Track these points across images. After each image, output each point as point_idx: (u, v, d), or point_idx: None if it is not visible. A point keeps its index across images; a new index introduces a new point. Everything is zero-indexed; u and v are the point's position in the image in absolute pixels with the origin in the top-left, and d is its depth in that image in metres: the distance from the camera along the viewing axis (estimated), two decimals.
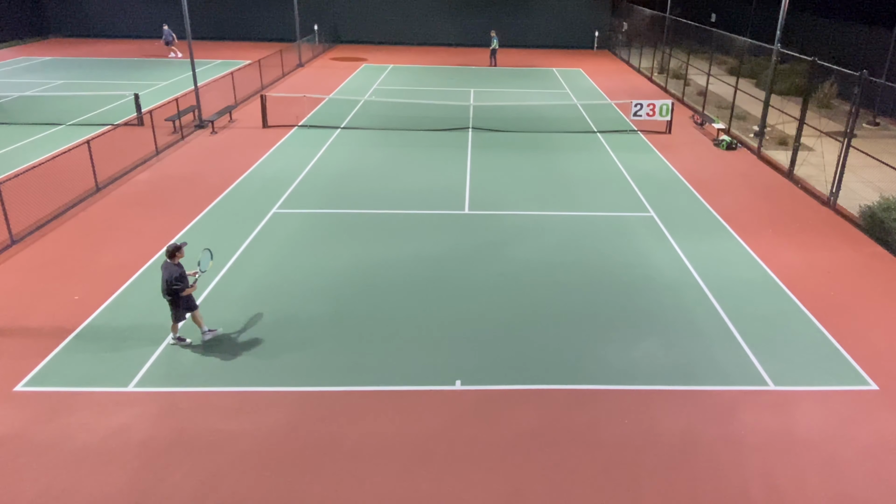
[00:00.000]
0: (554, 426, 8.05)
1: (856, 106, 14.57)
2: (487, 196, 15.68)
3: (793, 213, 14.91)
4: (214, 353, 9.39)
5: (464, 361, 9.27)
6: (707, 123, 22.06)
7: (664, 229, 13.87)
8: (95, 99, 24.76)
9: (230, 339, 9.71)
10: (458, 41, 42.13)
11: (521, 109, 24.46)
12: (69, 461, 7.37)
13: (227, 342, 9.64)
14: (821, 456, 7.61)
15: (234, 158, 18.27)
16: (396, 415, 8.21)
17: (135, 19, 41.30)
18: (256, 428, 7.94)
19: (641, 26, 36.84)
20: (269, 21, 41.52)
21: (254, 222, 13.92)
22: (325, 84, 29.38)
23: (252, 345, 9.59)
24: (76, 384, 8.66)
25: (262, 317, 10.34)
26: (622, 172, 17.63)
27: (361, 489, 7.07)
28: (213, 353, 9.39)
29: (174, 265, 9.02)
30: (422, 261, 12.27)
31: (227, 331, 9.93)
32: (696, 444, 7.77)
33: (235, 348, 9.51)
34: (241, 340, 9.70)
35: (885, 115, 23.63)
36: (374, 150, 19.23)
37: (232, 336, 9.80)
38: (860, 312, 10.76)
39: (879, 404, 8.52)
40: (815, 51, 22.47)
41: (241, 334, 9.86)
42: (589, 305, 10.81)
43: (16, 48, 37.91)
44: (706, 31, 26.48)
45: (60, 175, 15.88)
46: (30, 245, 12.71)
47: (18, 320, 10.16)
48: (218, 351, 9.44)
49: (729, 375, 9.04)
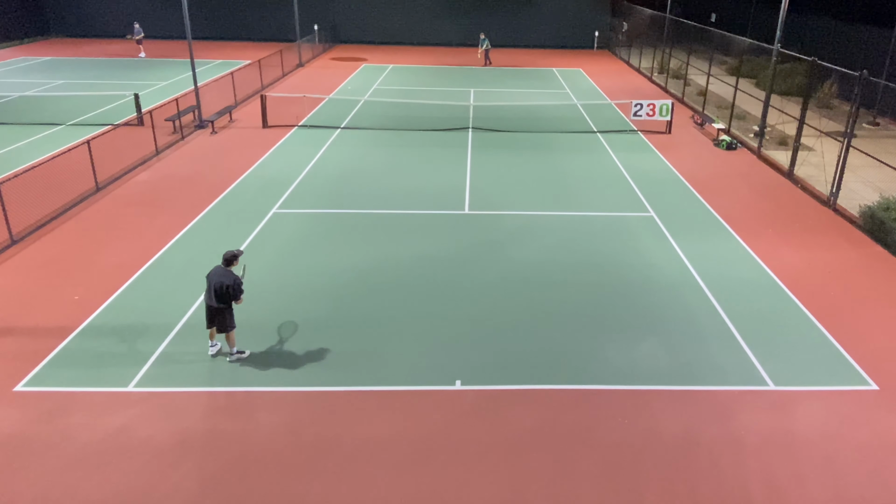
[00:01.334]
0: (554, 426, 8.05)
1: (856, 106, 14.57)
2: (487, 196, 15.68)
3: (793, 213, 14.91)
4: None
5: (464, 361, 9.27)
6: (707, 123, 22.06)
7: (664, 229, 13.87)
8: (95, 99, 24.76)
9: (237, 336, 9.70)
10: (458, 41, 42.12)
11: (521, 109, 24.46)
12: (69, 461, 7.36)
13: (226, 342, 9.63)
14: (820, 456, 7.61)
15: (234, 158, 18.27)
16: (396, 415, 8.21)
17: (135, 19, 41.26)
18: (256, 428, 7.94)
19: (641, 26, 36.85)
20: (269, 21, 41.53)
21: (254, 222, 13.92)
22: (325, 84, 29.38)
23: (252, 345, 9.59)
24: (76, 384, 8.66)
25: (262, 317, 10.33)
26: (622, 172, 17.63)
27: (361, 489, 7.07)
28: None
29: (230, 272, 8.82)
30: (421, 261, 12.27)
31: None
32: (696, 444, 7.77)
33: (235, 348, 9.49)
34: (241, 340, 9.69)
35: (885, 115, 23.62)
36: (374, 150, 19.23)
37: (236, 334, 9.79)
38: (860, 312, 10.75)
39: (879, 404, 8.52)
40: (815, 51, 22.47)
41: (241, 334, 9.85)
42: (589, 305, 10.81)
43: (16, 48, 37.92)
44: (706, 31, 26.48)
45: (60, 175, 15.88)
46: (30, 245, 12.71)
47: (18, 320, 10.16)
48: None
49: (729, 375, 9.04)
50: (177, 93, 25.94)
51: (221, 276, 8.77)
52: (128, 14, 41.14)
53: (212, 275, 8.88)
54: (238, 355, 9.25)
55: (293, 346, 9.58)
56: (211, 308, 8.95)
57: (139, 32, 35.72)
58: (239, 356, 9.25)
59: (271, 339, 9.77)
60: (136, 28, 35.79)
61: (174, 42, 40.33)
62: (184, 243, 12.87)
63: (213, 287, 8.79)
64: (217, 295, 8.80)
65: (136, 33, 35.67)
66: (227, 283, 8.72)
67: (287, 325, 10.12)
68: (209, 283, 8.87)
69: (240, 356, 9.26)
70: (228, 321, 9.01)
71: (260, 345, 9.61)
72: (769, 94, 19.39)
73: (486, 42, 35.05)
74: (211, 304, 8.90)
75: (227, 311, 8.95)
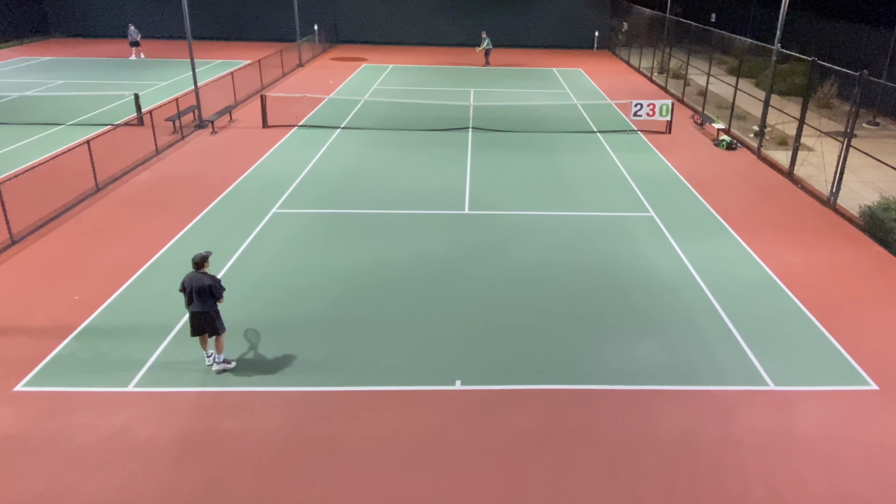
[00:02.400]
0: (554, 426, 8.05)
1: (856, 106, 14.57)
2: (487, 196, 15.68)
3: (793, 213, 14.91)
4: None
5: (464, 361, 9.27)
6: (707, 123, 22.05)
7: (664, 229, 13.87)
8: (95, 99, 24.76)
9: (230, 340, 9.69)
10: (458, 41, 42.12)
11: (521, 109, 24.46)
12: (69, 461, 7.37)
13: (226, 342, 9.61)
14: (820, 456, 7.61)
15: (234, 158, 18.27)
16: (396, 415, 8.21)
17: (135, 19, 41.28)
18: (256, 428, 7.94)
19: (641, 26, 36.85)
20: (269, 21, 41.53)
21: (254, 222, 13.92)
22: (325, 84, 29.38)
23: (252, 345, 9.60)
24: (76, 384, 8.66)
25: (262, 317, 10.33)
26: (622, 172, 17.63)
27: (361, 489, 7.07)
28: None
29: (206, 273, 8.61)
30: (422, 261, 12.27)
31: (227, 331, 9.89)
32: (696, 444, 7.77)
33: (235, 348, 9.50)
34: (241, 340, 9.70)
35: (885, 115, 23.62)
36: (374, 150, 19.23)
37: (232, 336, 9.79)
38: (860, 312, 10.76)
39: (879, 404, 8.52)
40: (815, 51, 22.48)
41: (241, 334, 9.86)
42: (589, 305, 10.81)
43: (16, 48, 37.91)
44: (706, 31, 26.48)
45: (60, 175, 15.88)
46: (30, 245, 12.71)
47: (18, 320, 10.16)
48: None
49: (729, 375, 9.04)
50: (177, 93, 25.94)
51: (200, 279, 8.54)
52: (128, 14, 41.15)
53: (189, 281, 8.58)
54: (224, 365, 9.01)
55: (293, 346, 9.58)
56: (198, 315, 8.63)
57: (136, 34, 34.68)
58: (225, 366, 9.01)
59: (271, 338, 9.77)
60: (132, 30, 34.82)
61: (174, 42, 40.33)
62: (184, 243, 12.87)
63: (196, 291, 8.51)
64: (202, 298, 8.54)
65: (132, 35, 34.61)
66: (208, 284, 8.52)
67: (287, 325, 10.12)
68: (190, 290, 8.55)
69: (226, 366, 9.01)
70: (219, 323, 8.80)
71: (260, 345, 9.62)
72: (769, 94, 19.39)
73: (486, 41, 34.90)
74: (198, 309, 8.59)
75: (214, 312, 8.71)
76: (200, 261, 8.62)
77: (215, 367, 8.97)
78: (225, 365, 9.04)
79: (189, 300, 8.63)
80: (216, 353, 8.98)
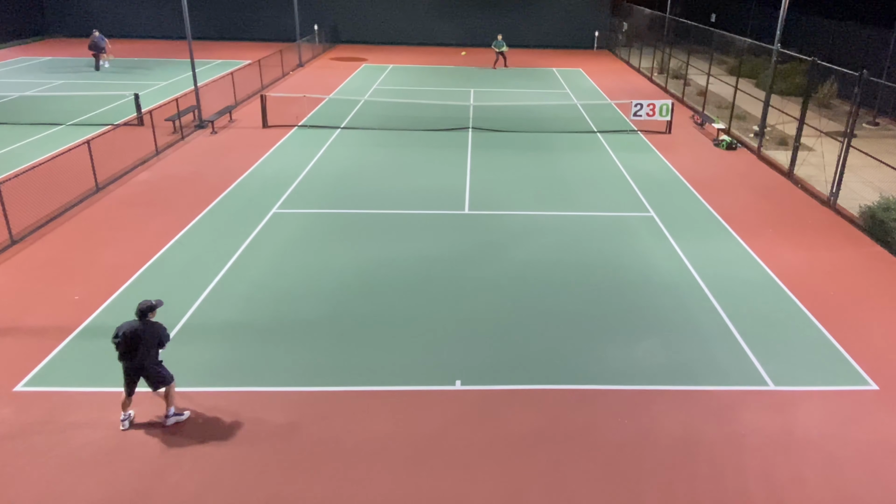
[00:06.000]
0: (554, 426, 8.05)
1: (856, 106, 14.57)
2: (487, 196, 15.68)
3: (793, 213, 14.91)
4: (214, 353, 9.38)
5: (464, 361, 9.27)
6: (707, 123, 22.06)
7: (664, 229, 13.87)
8: (95, 99, 24.76)
9: (230, 339, 9.70)
10: (459, 41, 42.10)
11: (521, 109, 24.46)
12: (69, 461, 7.37)
13: (227, 342, 9.63)
14: (821, 456, 7.61)
15: (234, 158, 18.27)
16: (396, 415, 8.21)
17: (135, 19, 41.31)
18: (256, 428, 7.94)
19: (641, 26, 36.85)
20: (269, 21, 41.51)
21: (254, 222, 13.92)
22: (325, 84, 29.38)
23: (252, 345, 9.59)
24: (76, 384, 8.66)
25: (262, 317, 10.33)
26: (622, 172, 17.63)
27: (361, 489, 7.07)
28: (213, 353, 9.38)
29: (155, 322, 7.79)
30: (422, 261, 12.27)
31: (227, 331, 9.92)
32: (696, 444, 7.77)
33: (235, 348, 9.50)
34: (241, 341, 9.70)
35: (885, 115, 23.62)
36: (374, 150, 19.23)
37: (232, 336, 9.80)
38: (860, 312, 10.75)
39: (879, 404, 8.52)
40: (815, 51, 22.48)
41: (241, 334, 9.86)
42: (589, 305, 10.81)
43: (16, 48, 37.90)
44: (706, 31, 26.48)
45: (60, 175, 15.87)
46: (30, 245, 12.71)
47: (18, 320, 10.16)
48: (218, 351, 9.43)
49: (729, 375, 9.04)
50: (177, 93, 25.93)
51: (153, 329, 7.69)
52: (129, 14, 41.16)
53: (141, 332, 7.59)
54: (176, 417, 7.99)
55: (293, 346, 9.58)
56: (141, 369, 7.70)
57: (101, 41, 30.86)
58: (178, 418, 8.00)
59: (271, 338, 9.77)
60: (98, 36, 30.88)
61: (174, 42, 40.30)
62: (184, 243, 12.87)
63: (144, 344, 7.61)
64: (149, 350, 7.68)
65: (97, 41, 30.72)
66: (161, 333, 7.76)
67: (287, 325, 10.11)
68: (141, 343, 7.58)
69: (178, 418, 8.00)
70: (165, 372, 7.87)
71: (259, 344, 9.61)
72: (769, 94, 19.39)
73: (501, 44, 34.01)
74: (143, 364, 7.67)
75: (158, 363, 7.86)
76: (147, 309, 7.65)
77: (168, 421, 7.95)
78: (177, 417, 8.02)
79: (127, 353, 7.62)
80: (167, 405, 7.99)
